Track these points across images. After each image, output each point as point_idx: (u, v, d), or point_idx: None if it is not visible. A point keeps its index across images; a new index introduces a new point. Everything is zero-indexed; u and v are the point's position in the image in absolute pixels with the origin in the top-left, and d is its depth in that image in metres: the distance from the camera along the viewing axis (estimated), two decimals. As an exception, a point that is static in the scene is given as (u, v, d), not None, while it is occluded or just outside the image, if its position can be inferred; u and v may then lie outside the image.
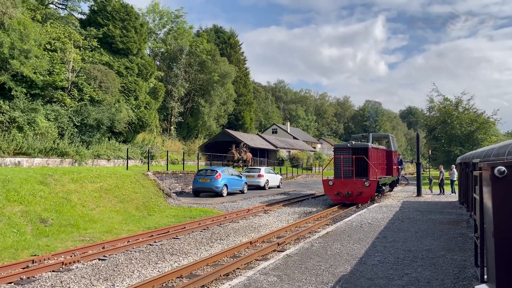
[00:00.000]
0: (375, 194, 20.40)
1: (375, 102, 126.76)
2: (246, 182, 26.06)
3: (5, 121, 20.34)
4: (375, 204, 19.37)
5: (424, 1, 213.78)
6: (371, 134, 24.92)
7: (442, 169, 26.90)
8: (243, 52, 62.66)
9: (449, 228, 12.51)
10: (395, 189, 28.97)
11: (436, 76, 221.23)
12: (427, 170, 52.74)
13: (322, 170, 24.34)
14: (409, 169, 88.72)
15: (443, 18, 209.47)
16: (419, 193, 24.27)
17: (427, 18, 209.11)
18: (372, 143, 22.88)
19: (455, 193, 24.68)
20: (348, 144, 20.24)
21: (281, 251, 10.09)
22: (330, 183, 20.01)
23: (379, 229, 12.36)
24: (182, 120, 45.49)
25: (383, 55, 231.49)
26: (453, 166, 25.89)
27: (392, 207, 18.27)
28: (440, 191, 25.80)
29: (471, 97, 49.53)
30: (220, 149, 41.96)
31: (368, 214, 15.77)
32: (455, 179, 24.94)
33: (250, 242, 11.04)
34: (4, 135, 19.50)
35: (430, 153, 43.80)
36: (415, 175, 26.66)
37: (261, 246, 10.95)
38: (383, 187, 22.39)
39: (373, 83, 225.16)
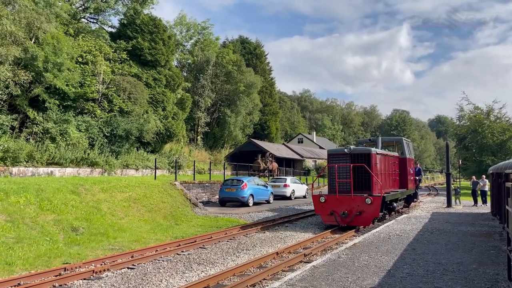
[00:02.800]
0: (381, 213, 15.90)
1: (403, 111, 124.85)
2: (272, 192, 26.04)
3: (39, 132, 21.04)
4: (404, 215, 19.00)
5: (449, 8, 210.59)
6: (380, 138, 20.87)
7: (475, 179, 26.25)
8: (268, 62, 63.00)
9: (481, 241, 12.17)
10: (413, 204, 23.65)
11: (463, 84, 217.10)
12: (457, 180, 51.42)
13: (312, 183, 21.19)
14: (439, 179, 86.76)
15: (470, 25, 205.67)
16: (449, 204, 23.72)
17: (452, 25, 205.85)
18: (382, 148, 19.91)
19: (485, 204, 24.00)
20: (345, 150, 15.96)
21: (308, 262, 10.04)
22: (322, 199, 15.78)
23: (408, 240, 12.14)
24: (209, 130, 45.94)
25: (408, 63, 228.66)
26: (483, 176, 25.22)
27: (421, 218, 17.90)
28: (475, 202, 24.91)
29: (503, 105, 48.44)
30: (246, 159, 42.11)
31: (397, 225, 15.51)
32: (487, 189, 24.31)
33: (277, 252, 11.03)
34: (38, 146, 20.16)
35: (460, 163, 42.77)
36: (445, 186, 26.04)
37: (288, 257, 10.91)
38: (394, 204, 17.99)
39: (398, 91, 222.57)
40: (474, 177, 27.58)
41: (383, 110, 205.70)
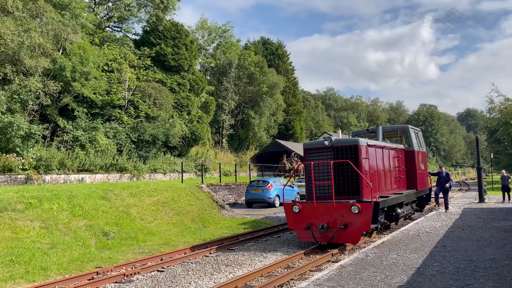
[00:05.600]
0: (374, 225, 11.78)
1: (430, 105, 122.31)
2: (298, 192, 25.99)
3: (69, 140, 21.68)
4: (433, 212, 18.64)
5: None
6: (380, 127, 16.89)
7: (506, 174, 25.26)
8: (291, 62, 62.78)
9: (515, 236, 11.85)
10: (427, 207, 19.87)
11: (491, 75, 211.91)
12: (490, 174, 50.06)
13: (283, 188, 14.28)
14: (470, 174, 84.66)
15: (495, 15, 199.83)
16: (481, 199, 23.13)
17: (477, 16, 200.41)
18: (384, 140, 16.20)
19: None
20: (325, 142, 12.17)
21: (335, 262, 10.01)
22: (296, 208, 11.95)
23: (438, 238, 11.92)
24: (233, 132, 46.21)
25: (433, 57, 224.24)
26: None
27: (452, 214, 17.53)
28: (504, 198, 23.27)
29: (535, 95, 46.83)
30: (271, 159, 42.14)
31: (426, 222, 15.25)
32: None
33: (304, 252, 11.03)
34: (69, 154, 20.77)
35: (492, 156, 41.62)
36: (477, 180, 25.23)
37: (315, 256, 10.90)
38: (398, 210, 13.91)
39: (424, 86, 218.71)
40: (504, 171, 26.44)
41: (409, 106, 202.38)
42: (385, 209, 12.87)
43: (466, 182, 60.32)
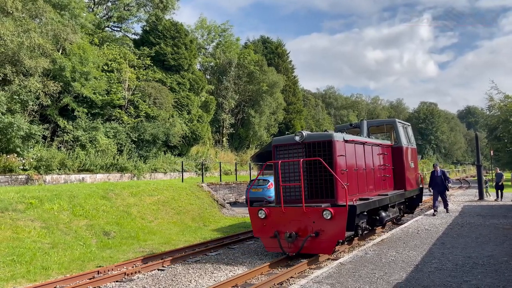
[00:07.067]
0: (349, 233, 10.17)
1: (431, 103, 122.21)
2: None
3: (69, 140, 21.73)
4: (433, 210, 18.63)
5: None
6: (365, 121, 15.18)
7: (499, 171, 25.15)
8: (291, 61, 62.76)
9: (514, 233, 11.89)
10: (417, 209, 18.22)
11: (491, 73, 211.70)
12: (490, 172, 50.08)
13: (248, 191, 12.21)
14: (471, 171, 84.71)
15: (494, 12, 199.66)
16: (481, 196, 23.16)
17: (476, 13, 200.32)
18: (370, 136, 15.11)
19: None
20: (296, 137, 10.75)
21: (335, 259, 10.05)
22: (262, 214, 10.58)
23: (437, 235, 11.97)
24: (234, 131, 46.23)
25: (432, 55, 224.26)
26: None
27: (452, 211, 17.57)
28: (497, 196, 22.60)
29: (535, 92, 46.79)
30: (271, 158, 42.04)
31: (426, 220, 15.30)
32: None
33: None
34: (69, 154, 20.83)
35: (492, 154, 41.64)
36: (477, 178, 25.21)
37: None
38: (383, 213, 12.42)
39: (423, 84, 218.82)
40: (497, 168, 26.16)
41: (409, 103, 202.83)
42: (365, 213, 11.38)
43: (467, 179, 60.35)
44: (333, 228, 9.76)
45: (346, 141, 11.19)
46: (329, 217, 9.68)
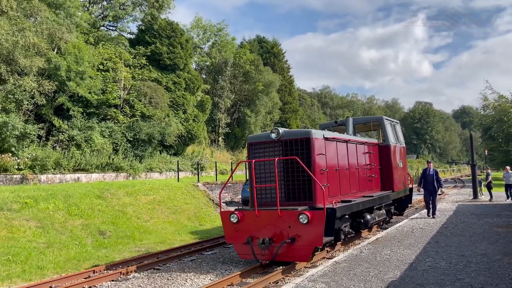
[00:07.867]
0: (327, 238, 9.35)
1: (426, 103, 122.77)
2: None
3: (64, 139, 21.68)
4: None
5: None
6: (350, 119, 14.41)
7: (490, 171, 25.21)
8: (286, 61, 62.78)
9: (507, 232, 11.99)
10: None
11: (485, 73, 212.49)
12: (484, 171, 50.39)
13: (220, 193, 11.99)
14: (465, 171, 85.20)
15: (489, 12, 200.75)
16: (475, 195, 23.31)
17: (470, 13, 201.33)
18: (356, 134, 14.63)
19: (510, 198, 21.40)
20: (272, 135, 9.92)
21: (330, 258, 10.10)
22: (234, 218, 9.73)
23: (431, 234, 12.06)
24: (230, 131, 46.23)
25: (426, 55, 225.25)
26: (507, 168, 21.95)
27: (446, 211, 17.69)
28: (491, 196, 22.18)
29: (529, 92, 47.11)
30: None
31: (420, 219, 15.39)
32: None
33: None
34: (64, 153, 20.78)
35: (486, 153, 41.86)
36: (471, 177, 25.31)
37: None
38: (368, 216, 11.65)
39: (418, 84, 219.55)
40: (489, 168, 25.76)
41: (404, 103, 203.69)
42: (347, 216, 10.59)
43: (461, 179, 60.66)
44: (310, 233, 8.96)
45: (327, 139, 10.45)
46: (305, 222, 8.90)
